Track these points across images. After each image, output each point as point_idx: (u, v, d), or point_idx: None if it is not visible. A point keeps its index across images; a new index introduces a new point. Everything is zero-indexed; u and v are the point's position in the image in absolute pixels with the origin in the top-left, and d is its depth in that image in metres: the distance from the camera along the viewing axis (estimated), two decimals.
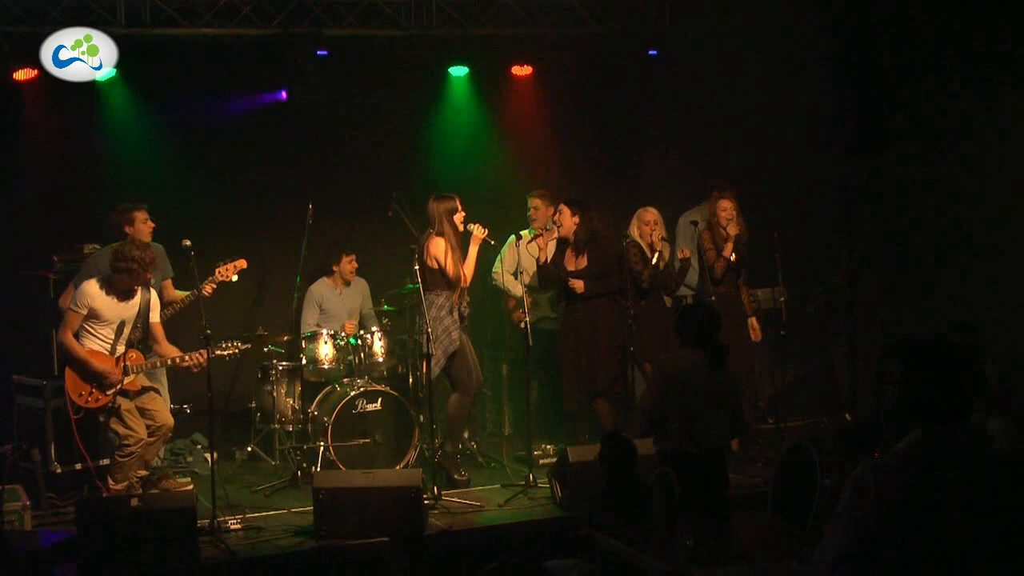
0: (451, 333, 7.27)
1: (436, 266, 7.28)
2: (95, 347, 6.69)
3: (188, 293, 7.38)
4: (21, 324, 7.84)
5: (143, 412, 6.76)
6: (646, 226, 7.89)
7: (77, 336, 6.66)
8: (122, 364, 6.69)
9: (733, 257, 7.93)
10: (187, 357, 6.80)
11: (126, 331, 6.76)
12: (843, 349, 9.47)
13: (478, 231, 7.33)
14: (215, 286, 7.31)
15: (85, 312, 6.63)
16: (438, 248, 7.28)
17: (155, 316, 6.91)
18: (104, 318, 6.67)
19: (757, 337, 8.26)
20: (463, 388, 7.40)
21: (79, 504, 5.95)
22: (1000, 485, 2.91)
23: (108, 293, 6.68)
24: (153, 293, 6.93)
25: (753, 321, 8.23)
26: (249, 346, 7.22)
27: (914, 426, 2.97)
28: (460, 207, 7.35)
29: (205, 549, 5.95)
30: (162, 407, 6.92)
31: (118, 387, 6.67)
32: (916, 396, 2.97)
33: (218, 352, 6.84)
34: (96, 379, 6.63)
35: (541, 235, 7.73)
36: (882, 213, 9.26)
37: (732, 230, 7.94)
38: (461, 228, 7.34)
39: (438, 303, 7.26)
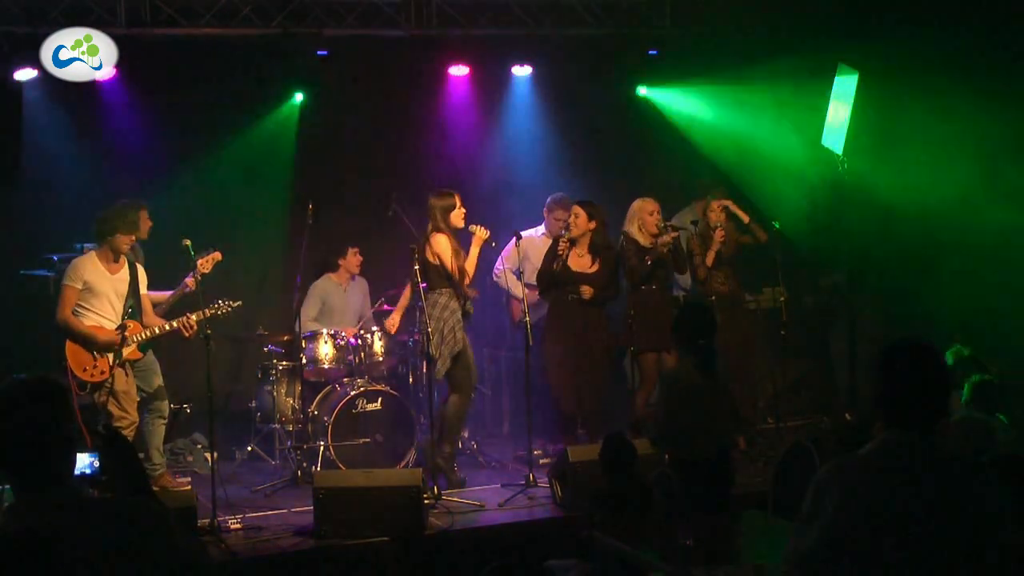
0: (456, 333, 7.22)
1: (437, 262, 7.23)
2: (93, 323, 6.73)
3: (173, 291, 7.25)
4: (21, 324, 7.83)
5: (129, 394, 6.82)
6: (650, 216, 7.77)
7: (75, 315, 6.70)
8: (121, 333, 6.73)
9: (709, 261, 7.91)
10: (176, 322, 6.89)
11: (122, 304, 6.81)
12: (842, 348, 9.46)
13: (480, 232, 7.28)
14: (199, 278, 7.25)
15: (80, 286, 6.68)
16: (440, 244, 7.23)
17: (143, 288, 6.96)
18: (98, 290, 6.73)
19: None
20: (462, 389, 7.35)
21: None
22: (963, 489, 2.91)
23: (99, 264, 6.77)
24: (140, 267, 6.97)
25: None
26: (240, 303, 7.19)
27: (877, 430, 2.99)
28: (460, 204, 7.32)
29: None
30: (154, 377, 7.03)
31: (121, 359, 6.71)
32: (889, 399, 2.98)
33: (207, 312, 6.86)
34: (99, 351, 6.66)
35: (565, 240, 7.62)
36: (882, 213, 9.24)
37: (719, 235, 7.93)
38: (461, 225, 7.30)
39: (442, 302, 7.20)
